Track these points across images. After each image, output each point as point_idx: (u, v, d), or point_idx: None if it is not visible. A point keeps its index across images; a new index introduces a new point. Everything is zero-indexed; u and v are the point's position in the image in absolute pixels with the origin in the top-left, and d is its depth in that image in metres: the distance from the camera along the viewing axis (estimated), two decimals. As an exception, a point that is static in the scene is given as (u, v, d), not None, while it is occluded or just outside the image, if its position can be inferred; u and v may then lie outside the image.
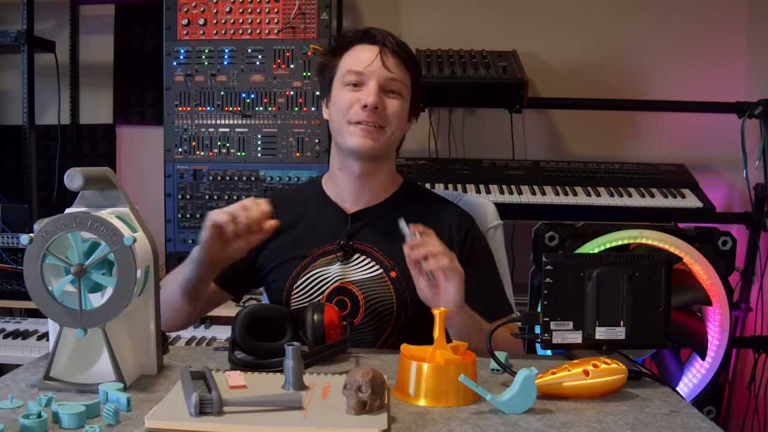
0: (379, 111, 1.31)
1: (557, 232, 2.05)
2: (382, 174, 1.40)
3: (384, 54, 1.32)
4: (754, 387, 2.47)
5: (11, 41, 2.46)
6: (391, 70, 1.32)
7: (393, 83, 1.33)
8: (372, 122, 1.31)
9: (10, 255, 2.34)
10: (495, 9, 2.78)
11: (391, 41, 1.33)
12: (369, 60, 1.32)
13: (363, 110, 1.30)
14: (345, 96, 1.33)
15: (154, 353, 1.03)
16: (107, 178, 1.00)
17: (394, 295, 1.32)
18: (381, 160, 1.38)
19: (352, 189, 1.39)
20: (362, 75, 1.32)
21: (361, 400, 0.85)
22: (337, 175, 1.41)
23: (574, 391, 0.95)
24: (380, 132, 1.32)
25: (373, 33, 1.35)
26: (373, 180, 1.39)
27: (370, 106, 1.29)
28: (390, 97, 1.33)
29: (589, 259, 1.07)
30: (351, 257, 1.35)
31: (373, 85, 1.31)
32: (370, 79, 1.31)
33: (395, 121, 1.33)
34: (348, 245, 1.35)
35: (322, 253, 1.36)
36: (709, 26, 2.74)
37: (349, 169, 1.37)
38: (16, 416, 0.82)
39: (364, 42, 1.35)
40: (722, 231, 2.11)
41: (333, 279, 1.34)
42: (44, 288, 0.94)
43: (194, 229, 2.37)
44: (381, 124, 1.32)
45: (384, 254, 1.35)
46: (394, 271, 1.33)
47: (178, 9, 2.34)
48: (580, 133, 2.81)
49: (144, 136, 2.89)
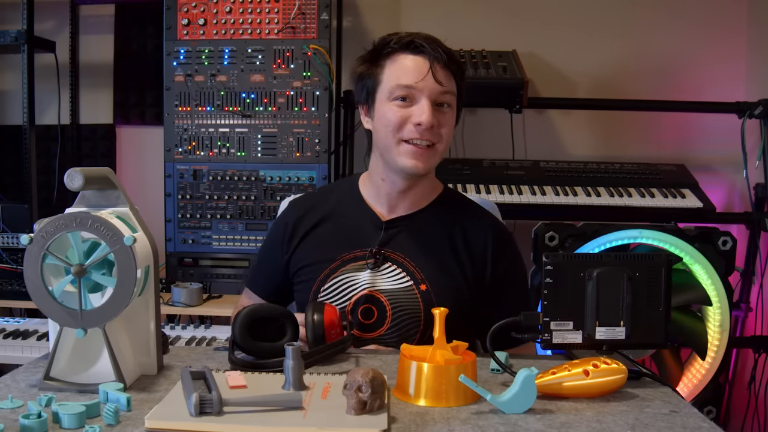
0: (434, 128, 1.25)
1: (557, 232, 2.04)
2: (424, 184, 1.37)
3: (437, 67, 1.25)
4: (754, 387, 2.47)
5: (11, 41, 2.46)
6: (443, 84, 1.25)
7: (444, 96, 1.27)
8: (425, 141, 1.26)
9: (10, 255, 2.34)
10: (495, 9, 2.78)
11: (441, 52, 1.26)
12: (418, 74, 1.24)
13: (416, 128, 1.25)
14: (395, 112, 1.26)
15: (154, 353, 1.03)
16: (107, 178, 1.00)
17: (422, 308, 1.30)
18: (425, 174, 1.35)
19: (392, 198, 1.36)
20: (412, 89, 1.25)
21: (361, 400, 0.85)
22: (378, 183, 1.36)
23: (574, 391, 0.95)
24: (432, 151, 1.27)
25: (420, 42, 1.26)
26: (415, 191, 1.36)
27: (425, 125, 1.24)
28: (442, 112, 1.27)
29: (589, 259, 1.07)
30: (382, 265, 1.32)
31: (425, 103, 1.24)
32: (421, 95, 1.25)
33: (447, 136, 1.29)
34: (380, 253, 1.32)
35: (352, 258, 1.33)
36: (709, 26, 2.74)
37: (393, 183, 1.34)
38: (16, 416, 0.82)
39: (409, 51, 1.27)
40: (722, 231, 2.11)
41: (362, 286, 1.31)
42: (44, 288, 0.94)
43: (194, 229, 2.37)
44: (434, 142, 1.27)
45: (416, 266, 1.32)
46: (424, 284, 1.31)
47: (178, 9, 2.34)
48: (580, 133, 2.82)
49: (144, 136, 2.89)
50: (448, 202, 1.40)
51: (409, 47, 1.27)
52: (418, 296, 1.30)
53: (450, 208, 1.39)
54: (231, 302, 2.30)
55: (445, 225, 1.36)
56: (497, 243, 1.37)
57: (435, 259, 1.33)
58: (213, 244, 2.36)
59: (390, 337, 1.31)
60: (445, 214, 1.38)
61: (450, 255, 1.34)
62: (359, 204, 1.38)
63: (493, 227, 1.40)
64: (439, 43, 1.29)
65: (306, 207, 1.42)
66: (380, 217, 1.36)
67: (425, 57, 1.26)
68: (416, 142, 1.26)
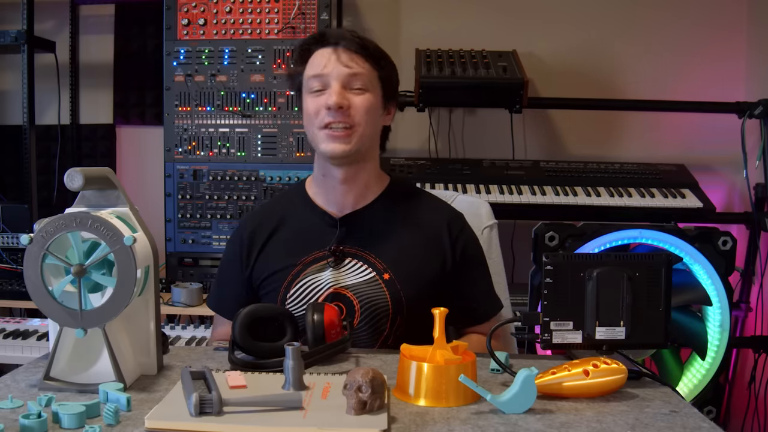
0: (345, 110, 1.28)
1: (557, 232, 2.04)
2: (366, 175, 1.38)
3: (341, 52, 1.30)
4: (754, 387, 2.47)
5: (11, 41, 2.46)
6: (348, 65, 1.29)
7: (355, 79, 1.30)
8: (340, 123, 1.29)
9: (10, 255, 2.34)
10: (495, 9, 2.78)
11: (347, 38, 1.31)
12: (325, 61, 1.30)
13: (328, 112, 1.29)
14: (311, 103, 1.32)
15: (154, 353, 1.03)
16: (107, 178, 1.00)
17: (389, 296, 1.31)
18: (362, 161, 1.36)
19: (337, 193, 1.37)
20: (322, 77, 1.30)
21: (361, 400, 0.85)
22: (321, 181, 1.39)
23: (574, 391, 0.95)
24: (350, 132, 1.30)
25: (327, 34, 1.33)
26: (358, 182, 1.37)
27: (333, 106, 1.27)
28: (355, 94, 1.30)
29: (589, 259, 1.07)
30: (342, 262, 1.34)
31: (334, 86, 1.29)
32: (330, 80, 1.29)
33: (365, 118, 1.31)
34: (339, 250, 1.34)
35: (312, 260, 1.34)
36: (709, 26, 2.74)
37: (332, 175, 1.36)
38: (16, 416, 0.82)
39: (321, 46, 1.33)
40: (722, 231, 2.11)
41: (326, 285, 1.32)
42: (44, 288, 0.94)
43: (194, 229, 2.37)
44: (350, 123, 1.29)
45: (376, 257, 1.33)
46: (387, 273, 1.32)
47: (178, 9, 2.34)
48: (580, 133, 2.82)
49: (144, 136, 2.89)
50: (397, 193, 1.43)
51: (321, 41, 1.34)
52: (383, 285, 1.32)
53: (400, 197, 1.42)
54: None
55: (398, 214, 1.39)
56: (452, 226, 1.39)
57: (393, 247, 1.35)
58: (213, 244, 2.36)
59: (362, 330, 1.32)
60: (395, 204, 1.40)
61: (407, 242, 1.36)
62: (310, 206, 1.40)
63: (445, 211, 1.43)
64: (351, 32, 1.34)
65: (257, 220, 1.43)
66: (332, 216, 1.38)
67: (332, 46, 1.32)
68: (332, 126, 1.29)
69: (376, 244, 1.35)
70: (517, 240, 2.59)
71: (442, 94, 2.46)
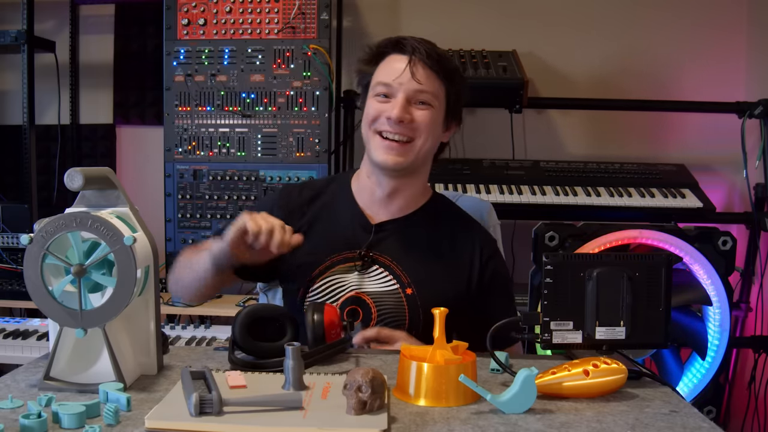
0: (406, 124, 1.28)
1: (557, 232, 2.04)
2: (412, 189, 1.38)
3: (413, 65, 1.28)
4: (754, 387, 2.47)
5: (11, 41, 2.46)
6: (420, 82, 1.28)
7: (422, 95, 1.29)
8: (398, 135, 1.29)
9: (10, 255, 2.34)
10: (495, 9, 2.78)
11: (422, 51, 1.29)
12: (397, 71, 1.29)
13: (388, 122, 1.29)
14: (373, 106, 1.31)
15: (154, 353, 1.03)
16: (107, 178, 1.00)
17: (408, 311, 1.31)
18: (411, 175, 1.35)
19: (380, 200, 1.37)
20: (391, 87, 1.29)
21: (361, 400, 0.85)
22: (366, 183, 1.38)
23: (574, 391, 0.95)
24: (408, 146, 1.30)
25: (404, 43, 1.31)
26: (404, 195, 1.37)
27: (395, 119, 1.27)
28: (418, 108, 1.29)
29: (589, 259, 1.07)
30: (369, 268, 1.33)
31: (400, 98, 1.28)
32: (398, 92, 1.29)
33: (425, 133, 1.30)
34: (368, 256, 1.33)
35: (342, 259, 1.34)
36: (709, 26, 2.74)
37: (379, 182, 1.35)
38: (16, 416, 0.82)
39: (396, 52, 1.31)
40: (722, 231, 2.11)
41: (349, 287, 1.32)
42: (44, 288, 0.94)
43: (194, 229, 2.37)
44: (409, 138, 1.29)
45: (402, 269, 1.33)
46: (410, 288, 1.32)
47: (178, 9, 2.34)
48: (580, 133, 2.82)
49: (144, 136, 2.89)
50: (437, 208, 1.42)
51: (397, 47, 1.32)
52: (404, 300, 1.31)
53: (439, 214, 1.41)
54: (231, 302, 2.30)
55: (434, 231, 1.38)
56: (484, 251, 1.39)
57: (422, 264, 1.34)
58: (213, 244, 2.36)
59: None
60: (433, 220, 1.39)
61: (437, 261, 1.35)
62: (350, 204, 1.40)
63: (481, 235, 1.42)
64: (428, 45, 1.32)
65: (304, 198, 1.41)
66: (369, 220, 1.37)
67: (407, 55, 1.30)
68: (388, 135, 1.30)
69: (406, 258, 1.34)
70: (517, 240, 2.59)
71: (442, 94, 2.46)
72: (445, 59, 1.33)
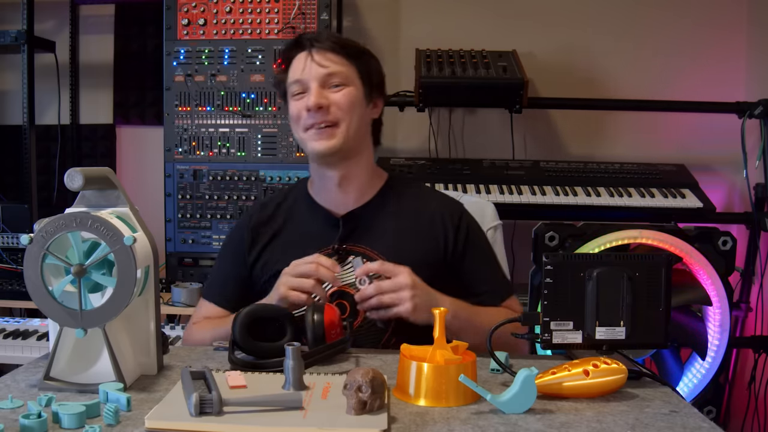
0: (325, 109, 1.30)
1: (557, 232, 2.04)
2: (360, 171, 1.39)
3: (314, 53, 1.32)
4: (754, 387, 2.47)
5: (11, 41, 2.46)
6: (324, 65, 1.31)
7: (333, 77, 1.32)
8: (322, 123, 1.31)
9: (10, 255, 2.34)
10: (495, 9, 2.78)
11: (319, 39, 1.33)
12: (303, 65, 1.32)
13: (308, 113, 1.31)
14: (293, 107, 1.34)
15: (154, 353, 1.03)
16: (107, 178, 1.00)
17: None
18: (354, 157, 1.37)
19: (336, 193, 1.39)
20: (301, 81, 1.32)
21: (361, 400, 0.85)
22: (318, 182, 1.41)
23: (574, 391, 0.95)
24: (335, 129, 1.32)
25: (302, 39, 1.35)
26: (354, 180, 1.39)
27: (313, 107, 1.29)
28: (334, 91, 1.32)
29: (589, 259, 1.07)
30: (346, 260, 1.35)
31: (313, 87, 1.31)
32: (309, 81, 1.32)
33: (347, 112, 1.32)
34: (341, 249, 1.35)
35: None
36: (709, 26, 2.74)
37: (327, 176, 1.38)
38: (16, 416, 0.82)
39: (298, 50, 1.35)
40: (722, 231, 2.10)
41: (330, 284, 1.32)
42: (44, 288, 0.94)
43: (194, 229, 2.37)
44: (333, 121, 1.31)
45: (378, 253, 1.34)
46: None
47: (178, 9, 2.34)
48: (580, 133, 2.81)
49: (144, 136, 2.89)
50: (395, 189, 1.44)
51: (296, 46, 1.36)
52: None
53: (399, 192, 1.43)
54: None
55: (398, 209, 1.40)
56: (452, 214, 1.41)
57: (396, 243, 1.36)
58: (213, 244, 2.36)
59: (365, 328, 1.32)
60: (396, 200, 1.41)
61: (409, 237, 1.37)
62: (312, 206, 1.42)
63: (443, 200, 1.45)
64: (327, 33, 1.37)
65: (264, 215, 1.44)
66: (334, 215, 1.39)
67: (307, 49, 1.33)
68: (315, 127, 1.32)
69: (379, 241, 1.35)
70: (517, 240, 2.59)
71: (442, 94, 2.46)
72: (346, 41, 1.36)
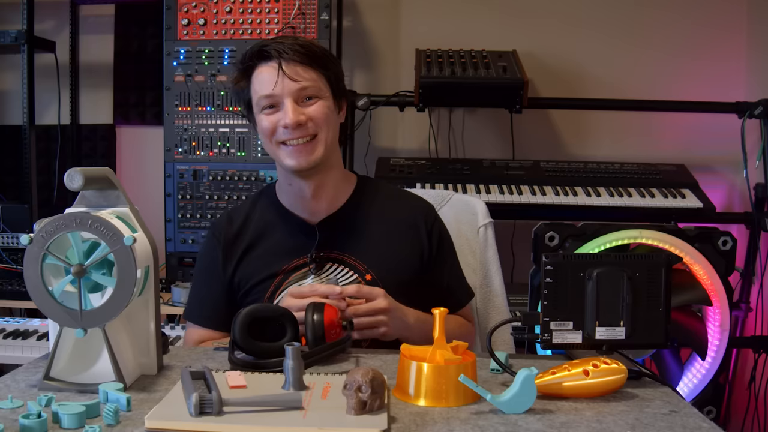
0: (303, 123, 1.28)
1: (557, 232, 2.04)
2: (333, 180, 1.37)
3: (285, 67, 1.27)
4: (754, 387, 2.47)
5: (11, 41, 2.46)
6: (297, 80, 1.27)
7: (306, 90, 1.29)
8: (300, 138, 1.29)
9: (10, 255, 2.34)
10: (495, 9, 2.78)
11: (287, 50, 1.28)
12: (272, 80, 1.28)
13: (285, 130, 1.28)
14: (265, 122, 1.30)
15: (154, 353, 1.03)
16: (107, 178, 1.00)
17: None
18: (328, 168, 1.35)
19: (309, 202, 1.36)
20: (273, 96, 1.28)
21: (361, 400, 0.85)
22: (290, 190, 1.38)
23: (574, 391, 0.95)
24: (313, 143, 1.30)
25: (267, 49, 1.29)
26: (327, 190, 1.36)
27: (291, 125, 1.27)
28: (309, 104, 1.29)
29: (589, 259, 1.07)
30: (323, 267, 1.34)
31: (288, 104, 1.27)
32: (282, 97, 1.28)
33: (324, 124, 1.30)
34: (318, 256, 1.34)
35: (293, 268, 1.34)
36: (709, 26, 2.74)
37: (299, 187, 1.35)
38: (16, 416, 0.82)
39: (263, 61, 1.30)
40: (722, 231, 2.11)
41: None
42: (44, 288, 0.94)
43: (194, 229, 2.37)
44: (310, 135, 1.29)
45: (356, 258, 1.34)
46: (369, 273, 1.33)
47: (178, 9, 2.34)
48: (580, 133, 2.82)
49: (144, 136, 2.89)
50: (367, 191, 1.43)
51: (261, 56, 1.30)
52: None
53: (371, 195, 1.42)
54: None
55: (372, 213, 1.39)
56: (427, 217, 1.41)
57: (372, 247, 1.35)
58: (213, 244, 2.36)
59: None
60: (368, 203, 1.40)
61: (385, 240, 1.37)
62: (284, 215, 1.39)
63: (417, 203, 1.45)
64: (290, 41, 1.31)
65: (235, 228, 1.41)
66: (308, 222, 1.37)
67: (274, 61, 1.29)
68: (291, 142, 1.30)
69: (355, 246, 1.35)
70: (517, 240, 2.59)
71: (442, 94, 2.46)
72: (312, 48, 1.32)
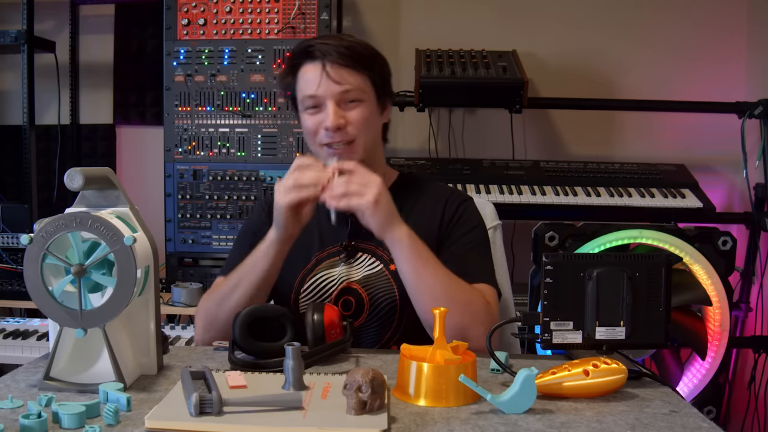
0: (343, 127, 1.29)
1: (557, 232, 2.04)
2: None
3: (329, 69, 1.28)
4: (754, 387, 2.47)
5: (11, 41, 2.46)
6: (341, 83, 1.28)
7: (348, 93, 1.30)
8: (339, 141, 1.30)
9: (10, 255, 2.34)
10: (495, 9, 2.78)
11: (332, 52, 1.28)
12: (316, 81, 1.29)
13: (326, 132, 1.30)
14: (308, 121, 1.32)
15: (154, 353, 1.03)
16: (107, 178, 1.00)
17: (396, 288, 1.32)
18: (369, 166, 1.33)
19: None
20: (316, 97, 1.29)
21: (361, 400, 0.85)
22: None
23: (574, 391, 0.95)
24: (353, 146, 1.31)
25: (313, 49, 1.30)
26: None
27: (331, 128, 1.28)
28: (350, 108, 1.30)
29: (589, 259, 1.07)
30: (354, 257, 1.37)
31: (330, 106, 1.28)
32: (325, 99, 1.29)
33: (364, 128, 1.31)
34: (351, 246, 1.36)
35: (326, 255, 1.38)
36: (709, 26, 2.74)
37: None
38: (16, 416, 0.82)
39: (308, 60, 1.31)
40: (722, 231, 2.11)
41: (339, 280, 1.35)
42: (44, 288, 0.94)
43: (194, 229, 2.37)
44: (350, 139, 1.31)
45: (383, 249, 1.35)
46: (393, 263, 1.32)
47: (178, 9, 2.34)
48: (580, 133, 2.81)
49: (144, 136, 2.89)
50: (404, 187, 1.44)
51: (307, 55, 1.32)
52: (389, 276, 1.34)
53: (407, 191, 1.43)
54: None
55: (405, 207, 1.39)
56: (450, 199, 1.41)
57: None
58: (213, 244, 2.37)
59: (371, 323, 1.34)
60: (403, 198, 1.40)
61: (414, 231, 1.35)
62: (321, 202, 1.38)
63: (449, 195, 1.43)
64: (337, 41, 1.31)
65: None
66: (344, 212, 1.36)
67: (318, 62, 1.30)
68: (332, 145, 1.31)
69: None
70: (517, 240, 2.59)
71: (442, 94, 2.46)
72: (358, 49, 1.32)
